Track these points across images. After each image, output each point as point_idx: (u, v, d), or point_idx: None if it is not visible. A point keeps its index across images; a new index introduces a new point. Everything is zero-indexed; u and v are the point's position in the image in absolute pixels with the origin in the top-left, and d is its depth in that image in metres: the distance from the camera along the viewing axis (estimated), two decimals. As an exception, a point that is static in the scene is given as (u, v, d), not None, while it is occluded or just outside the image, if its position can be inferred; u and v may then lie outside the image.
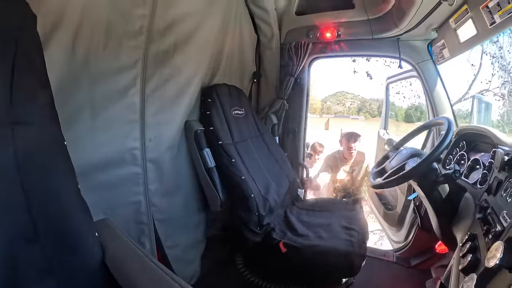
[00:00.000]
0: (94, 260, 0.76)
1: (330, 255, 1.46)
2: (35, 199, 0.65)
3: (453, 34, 1.68)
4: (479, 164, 1.34)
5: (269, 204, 1.75)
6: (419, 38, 2.02)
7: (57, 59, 1.01)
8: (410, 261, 2.17)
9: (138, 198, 1.40)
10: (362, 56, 2.21)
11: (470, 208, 1.18)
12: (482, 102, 2.46)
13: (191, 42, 1.59)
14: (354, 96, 27.30)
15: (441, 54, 1.91)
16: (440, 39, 1.87)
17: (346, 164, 3.40)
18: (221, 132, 1.75)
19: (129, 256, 0.77)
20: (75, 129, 1.09)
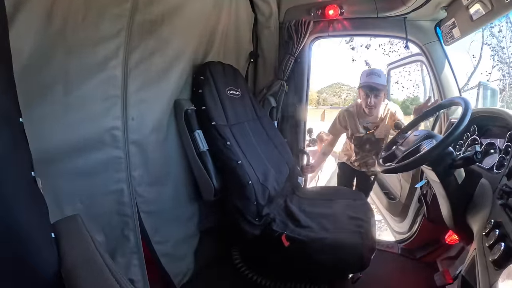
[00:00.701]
0: (47, 271, 0.61)
1: (338, 248, 1.39)
2: None
3: (465, 12, 1.62)
4: (493, 149, 1.31)
5: (269, 192, 1.65)
6: (427, 17, 1.97)
7: (30, 27, 0.94)
8: (415, 253, 2.12)
9: (120, 186, 1.27)
10: (367, 36, 2.14)
11: (488, 194, 1.13)
12: (488, 89, 2.44)
13: (181, 14, 1.51)
14: (350, 88, 27.93)
15: (450, 34, 1.86)
16: (450, 17, 1.82)
17: (366, 119, 2.40)
18: (214, 112, 1.64)
19: (86, 268, 0.63)
20: (46, 105, 1.00)
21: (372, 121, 2.36)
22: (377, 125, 2.36)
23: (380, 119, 2.36)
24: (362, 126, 2.39)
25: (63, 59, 1.04)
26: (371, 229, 1.57)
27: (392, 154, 1.56)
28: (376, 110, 2.27)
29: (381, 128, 2.36)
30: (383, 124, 2.34)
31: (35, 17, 0.95)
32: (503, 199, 0.97)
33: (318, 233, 1.47)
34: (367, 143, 2.44)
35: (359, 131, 2.39)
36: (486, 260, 0.81)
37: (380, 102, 2.26)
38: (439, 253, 1.96)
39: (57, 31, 1.02)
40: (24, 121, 0.61)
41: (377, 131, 2.37)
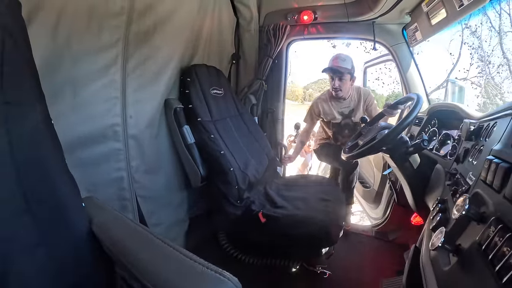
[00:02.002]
0: (81, 228, 0.80)
1: (308, 224, 1.52)
2: (27, 174, 0.68)
3: (425, 18, 1.75)
4: (449, 139, 1.41)
5: (249, 179, 1.80)
6: (393, 22, 2.09)
7: (40, 40, 1.04)
8: (388, 235, 2.27)
9: (121, 174, 1.43)
10: (339, 39, 2.26)
11: (441, 178, 1.25)
12: (456, 86, 2.57)
13: (170, 23, 1.62)
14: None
15: (414, 37, 1.98)
16: (413, 22, 1.95)
17: (340, 104, 2.43)
18: (200, 109, 1.78)
19: (115, 223, 0.81)
20: (57, 106, 1.12)
21: (347, 106, 2.40)
22: (353, 109, 2.40)
23: (355, 103, 2.40)
24: (337, 112, 2.42)
25: (70, 67, 1.17)
26: (339, 209, 1.70)
27: (356, 144, 1.68)
28: (342, 93, 2.30)
29: (357, 112, 2.39)
30: (358, 108, 2.39)
31: (44, 29, 1.07)
32: (451, 180, 1.07)
33: (291, 211, 1.62)
34: (346, 128, 2.46)
35: (336, 117, 2.41)
36: (429, 229, 0.92)
37: (347, 85, 2.29)
38: (411, 235, 2.01)
39: (63, 41, 1.13)
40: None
41: (354, 116, 2.41)
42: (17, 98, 0.70)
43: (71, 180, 0.82)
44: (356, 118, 2.42)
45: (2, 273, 0.64)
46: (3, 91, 0.67)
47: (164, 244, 0.65)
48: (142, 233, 0.73)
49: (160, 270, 0.59)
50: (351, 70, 2.27)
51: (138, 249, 0.67)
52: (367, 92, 2.43)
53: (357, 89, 2.44)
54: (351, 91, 2.41)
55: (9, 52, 0.69)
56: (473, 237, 0.64)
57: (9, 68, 0.69)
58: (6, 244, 0.65)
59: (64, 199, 0.77)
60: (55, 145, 0.79)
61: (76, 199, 0.82)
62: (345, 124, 2.46)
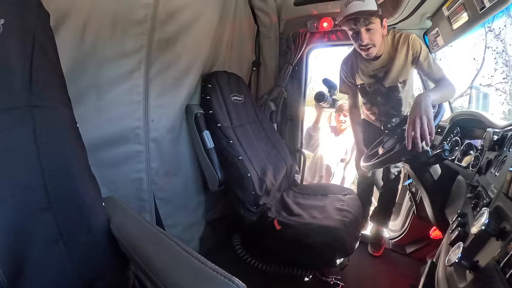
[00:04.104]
0: (100, 227, 0.83)
1: (322, 233, 1.50)
2: (51, 174, 0.72)
3: (446, 22, 1.70)
4: (472, 149, 1.35)
5: (266, 185, 1.80)
6: (414, 27, 2.03)
7: (67, 46, 1.10)
8: (406, 248, 2.19)
9: (140, 176, 1.48)
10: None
11: (462, 190, 1.20)
12: (480, 92, 2.48)
13: (191, 32, 1.66)
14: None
15: (435, 42, 1.93)
16: (434, 27, 1.90)
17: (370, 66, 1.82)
18: (220, 115, 1.81)
19: (133, 224, 0.83)
20: (82, 109, 1.17)
21: (381, 65, 1.75)
22: (387, 69, 1.73)
23: (389, 56, 1.70)
24: (368, 76, 1.83)
25: (94, 71, 1.22)
26: (356, 220, 1.68)
27: (376, 153, 1.65)
28: (377, 48, 1.63)
29: (392, 72, 1.73)
30: (392, 63, 1.70)
31: (70, 36, 1.12)
32: (472, 192, 1.03)
33: (307, 220, 1.61)
34: (377, 95, 1.88)
35: (365, 82, 1.87)
36: (447, 243, 0.89)
37: (379, 36, 1.60)
38: (429, 250, 1.99)
39: (89, 47, 1.19)
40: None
41: (386, 78, 1.77)
42: (44, 102, 0.74)
43: (93, 180, 0.86)
44: (389, 81, 1.78)
45: (19, 266, 0.67)
46: (32, 96, 0.71)
47: (178, 247, 0.66)
48: (157, 234, 0.74)
49: (171, 272, 0.60)
50: (379, 11, 1.55)
51: (153, 250, 0.69)
52: (411, 36, 1.66)
53: (392, 33, 1.71)
54: (384, 41, 1.69)
55: (37, 59, 0.74)
56: (492, 253, 0.62)
57: (38, 73, 0.73)
58: (25, 238, 0.68)
59: (85, 198, 0.80)
60: (79, 147, 0.83)
61: (97, 199, 0.85)
62: (374, 90, 1.87)
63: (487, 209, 0.74)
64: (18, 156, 0.69)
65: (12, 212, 0.67)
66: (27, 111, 0.70)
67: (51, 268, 0.73)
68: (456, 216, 0.96)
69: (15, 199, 0.67)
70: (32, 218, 0.69)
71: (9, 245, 0.66)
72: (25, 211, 0.68)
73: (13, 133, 0.69)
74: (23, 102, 0.70)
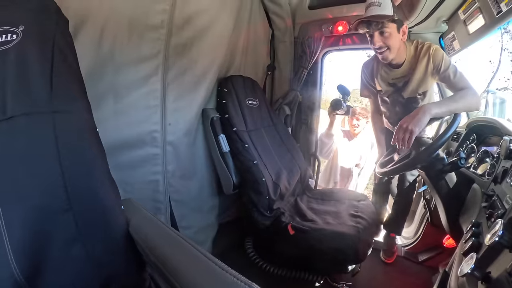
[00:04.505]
0: (119, 229, 0.84)
1: (336, 239, 1.50)
2: (71, 177, 0.73)
3: (462, 26, 1.66)
4: (488, 156, 1.33)
5: (280, 189, 1.80)
6: (430, 30, 1.99)
7: (85, 51, 1.12)
8: (418, 256, 2.17)
9: (157, 178, 1.50)
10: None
11: (477, 199, 1.18)
12: (497, 97, 2.43)
13: (207, 37, 1.68)
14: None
15: (451, 46, 1.88)
16: (450, 31, 1.86)
17: (391, 73, 1.79)
18: (235, 119, 1.83)
19: (151, 227, 0.84)
20: (100, 113, 1.18)
21: (401, 75, 1.71)
22: (407, 79, 1.69)
23: (410, 66, 1.66)
24: (387, 84, 1.79)
25: (112, 75, 1.26)
26: (370, 227, 1.67)
27: (391, 159, 1.63)
28: (392, 54, 1.61)
29: (411, 82, 1.68)
30: (413, 74, 1.66)
31: (89, 42, 1.15)
32: (487, 201, 1.02)
33: (320, 225, 1.60)
34: (396, 105, 1.83)
35: (383, 90, 1.83)
36: (460, 253, 0.88)
37: (395, 41, 1.57)
38: (442, 258, 1.95)
39: (106, 52, 1.22)
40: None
41: (405, 89, 1.72)
42: (65, 107, 0.76)
43: (113, 184, 0.87)
44: (408, 92, 1.73)
45: (37, 266, 0.68)
46: (53, 101, 0.73)
47: (197, 251, 0.66)
48: (176, 239, 0.75)
49: (191, 276, 0.60)
50: (394, 16, 1.53)
51: (173, 254, 0.69)
52: (432, 47, 1.62)
53: (415, 43, 1.67)
54: (407, 50, 1.66)
55: (58, 65, 0.76)
56: (504, 265, 0.62)
57: (58, 79, 0.75)
58: (45, 238, 0.70)
59: (105, 201, 0.81)
60: (99, 152, 0.84)
61: (117, 202, 0.86)
62: (393, 100, 1.82)
63: (502, 220, 0.73)
64: (39, 159, 0.70)
65: (32, 213, 0.68)
66: (48, 116, 0.72)
67: (69, 268, 0.74)
68: (470, 225, 0.96)
69: (35, 200, 0.69)
70: (52, 219, 0.70)
71: (28, 245, 0.67)
72: (45, 212, 0.69)
73: (34, 137, 0.70)
74: (44, 108, 0.72)
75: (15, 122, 0.68)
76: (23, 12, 0.75)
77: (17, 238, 0.66)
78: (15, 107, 0.69)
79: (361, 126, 2.92)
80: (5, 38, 0.71)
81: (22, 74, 0.71)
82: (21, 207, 0.67)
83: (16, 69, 0.71)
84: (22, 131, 0.69)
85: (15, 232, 0.65)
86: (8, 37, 0.71)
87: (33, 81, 0.72)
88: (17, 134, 0.69)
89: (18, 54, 0.71)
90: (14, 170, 0.67)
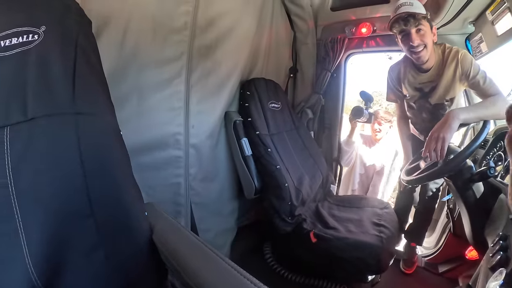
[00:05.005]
0: (142, 236, 0.82)
1: (359, 248, 1.47)
2: (93, 181, 0.71)
3: (490, 27, 1.57)
4: None
5: (302, 195, 1.78)
6: (455, 32, 1.89)
7: (108, 52, 1.13)
8: (439, 267, 2.09)
9: (178, 180, 1.50)
10: (399, 52, 2.09)
11: (504, 210, 1.13)
12: None
13: (230, 39, 1.68)
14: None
15: (478, 49, 1.77)
16: (477, 32, 1.77)
17: (418, 78, 1.71)
18: (258, 123, 1.81)
19: (174, 234, 0.82)
20: (123, 114, 1.17)
21: (428, 79, 1.64)
22: (435, 85, 1.62)
23: (438, 71, 1.59)
24: (414, 88, 1.72)
25: (135, 77, 1.27)
26: (393, 236, 1.63)
27: (417, 166, 1.57)
28: (428, 52, 1.53)
29: (439, 88, 1.61)
30: (440, 79, 1.59)
31: (112, 43, 1.16)
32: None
33: (343, 234, 1.57)
34: (422, 111, 1.76)
35: (409, 94, 1.75)
36: (487, 268, 0.83)
37: (429, 40, 1.51)
38: (462, 270, 1.88)
39: (129, 53, 1.22)
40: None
41: (432, 94, 1.65)
42: (88, 109, 0.73)
43: (136, 188, 0.85)
44: (435, 98, 1.65)
45: (55, 271, 0.66)
46: (75, 102, 0.71)
47: (221, 260, 0.64)
48: (198, 245, 0.73)
49: (214, 285, 0.59)
50: (428, 15, 1.50)
51: (194, 260, 0.67)
52: (460, 51, 1.55)
53: (442, 48, 1.60)
54: (435, 53, 1.60)
55: (80, 66, 0.74)
56: None
57: (81, 80, 0.73)
58: (65, 244, 0.67)
59: (128, 206, 0.79)
60: (123, 154, 0.82)
61: (140, 208, 0.84)
62: (420, 106, 1.75)
63: None
64: (61, 162, 0.68)
65: (53, 217, 0.66)
66: (70, 118, 0.70)
67: (88, 275, 0.71)
68: (498, 238, 0.91)
69: (56, 203, 0.67)
70: (73, 224, 0.68)
71: (46, 249, 0.65)
72: (66, 216, 0.67)
73: (56, 139, 0.68)
74: (66, 109, 0.70)
75: (36, 124, 0.66)
76: (45, 12, 0.74)
77: (35, 242, 0.64)
78: (36, 108, 0.67)
79: (383, 131, 2.79)
80: (26, 39, 0.69)
81: (43, 75, 0.69)
82: (41, 210, 0.65)
83: (38, 70, 0.69)
84: (43, 133, 0.67)
85: (33, 236, 0.64)
86: (30, 37, 0.69)
87: (55, 81, 0.70)
88: (38, 136, 0.66)
89: (40, 55, 0.70)
90: (34, 173, 0.66)
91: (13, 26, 0.69)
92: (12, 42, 0.68)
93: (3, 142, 0.63)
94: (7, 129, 0.64)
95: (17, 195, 0.63)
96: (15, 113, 0.65)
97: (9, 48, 0.67)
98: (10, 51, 0.67)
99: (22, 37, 0.69)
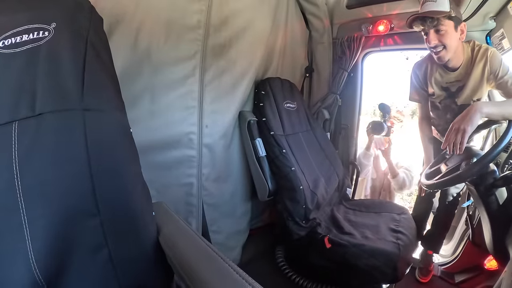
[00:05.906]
0: (149, 237, 0.80)
1: (375, 256, 1.42)
2: (100, 180, 0.69)
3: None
4: None
5: (317, 199, 1.73)
6: (476, 28, 1.81)
7: (120, 50, 1.15)
8: (455, 277, 2.00)
9: (191, 180, 1.49)
10: (417, 50, 2.03)
11: None
12: None
13: (245, 37, 1.67)
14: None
15: (500, 45, 1.69)
16: (498, 28, 1.69)
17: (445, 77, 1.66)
18: (273, 123, 1.78)
19: (182, 236, 0.81)
20: (135, 112, 1.20)
21: (456, 79, 1.59)
22: (462, 84, 1.57)
23: (466, 70, 1.54)
24: (440, 87, 1.67)
25: (148, 75, 1.27)
26: (410, 243, 1.58)
27: (437, 170, 1.51)
28: (449, 53, 1.48)
29: (466, 88, 1.56)
30: (468, 79, 1.53)
31: (124, 41, 1.16)
32: None
33: (358, 240, 1.52)
34: (447, 112, 1.71)
35: (435, 94, 1.69)
36: (510, 279, 0.82)
37: (452, 40, 1.45)
38: (480, 281, 1.82)
39: (142, 52, 1.22)
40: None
41: (459, 94, 1.60)
42: (97, 106, 0.73)
43: (145, 188, 0.84)
44: (462, 99, 1.60)
45: (59, 271, 0.66)
46: (84, 98, 0.70)
47: (230, 268, 0.62)
48: (207, 250, 0.71)
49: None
50: (451, 13, 1.41)
51: (201, 267, 0.66)
52: (489, 50, 1.49)
53: (472, 45, 1.54)
54: (464, 52, 1.53)
55: (90, 62, 0.73)
56: None
57: (90, 76, 0.72)
58: (69, 243, 0.67)
59: (135, 207, 0.77)
60: (132, 154, 0.81)
61: (148, 208, 0.83)
62: (445, 106, 1.69)
63: None
64: (67, 158, 0.67)
65: (58, 214, 0.65)
66: (78, 114, 0.69)
67: (92, 276, 0.71)
68: None
69: (61, 200, 0.66)
70: (78, 223, 0.67)
71: (51, 248, 0.65)
72: (71, 213, 0.66)
73: (63, 135, 0.68)
74: (74, 105, 0.69)
75: (44, 119, 0.66)
76: (56, 9, 0.75)
77: (39, 240, 0.63)
78: (45, 104, 0.67)
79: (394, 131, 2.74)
80: (37, 35, 0.70)
81: (53, 71, 0.69)
82: (46, 206, 0.64)
83: (47, 66, 0.69)
84: (51, 129, 0.67)
85: (37, 231, 0.63)
86: (40, 34, 0.70)
87: (64, 77, 0.69)
88: (45, 132, 0.66)
89: (50, 51, 0.70)
90: (40, 169, 0.65)
91: (24, 23, 0.69)
92: (23, 39, 0.68)
93: (11, 136, 0.63)
94: (16, 124, 0.64)
95: (23, 189, 0.62)
96: (24, 109, 0.65)
97: (20, 45, 0.68)
98: (21, 47, 0.68)
99: (33, 34, 0.69)
